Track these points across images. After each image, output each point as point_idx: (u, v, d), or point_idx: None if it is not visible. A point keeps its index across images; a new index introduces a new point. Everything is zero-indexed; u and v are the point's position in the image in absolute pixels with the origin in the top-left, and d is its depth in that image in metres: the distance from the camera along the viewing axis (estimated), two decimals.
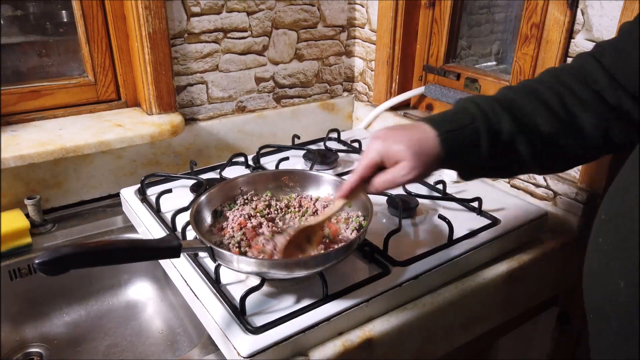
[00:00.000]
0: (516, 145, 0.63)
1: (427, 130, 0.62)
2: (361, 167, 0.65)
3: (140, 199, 0.96)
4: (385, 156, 0.63)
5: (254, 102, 1.27)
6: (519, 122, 0.63)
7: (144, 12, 1.01)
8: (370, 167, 0.65)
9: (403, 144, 0.62)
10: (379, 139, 0.64)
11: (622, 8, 0.80)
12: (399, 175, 0.62)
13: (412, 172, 0.62)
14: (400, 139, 0.62)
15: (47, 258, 0.56)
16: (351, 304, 0.69)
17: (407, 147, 0.61)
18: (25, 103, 1.03)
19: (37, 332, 0.95)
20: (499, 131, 0.62)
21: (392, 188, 0.65)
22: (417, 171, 0.62)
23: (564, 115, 0.63)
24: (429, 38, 1.22)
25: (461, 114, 0.64)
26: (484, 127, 0.62)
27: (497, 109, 0.63)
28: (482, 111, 0.63)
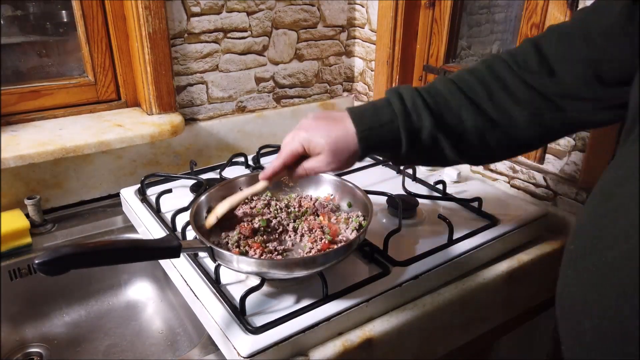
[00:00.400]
0: (438, 142, 0.64)
1: (347, 127, 0.65)
2: (284, 155, 0.69)
3: (140, 199, 0.96)
4: (307, 147, 0.67)
5: (254, 102, 1.27)
6: (441, 120, 0.64)
7: (144, 12, 1.01)
8: (292, 155, 0.68)
9: (323, 139, 0.65)
10: (303, 130, 0.67)
11: None
12: (317, 166, 0.67)
13: (329, 166, 0.66)
14: (322, 134, 0.65)
15: (47, 258, 0.56)
16: (351, 304, 0.69)
17: (326, 143, 0.65)
18: (25, 103, 1.03)
19: (37, 332, 0.95)
20: (419, 129, 0.64)
21: (311, 175, 0.70)
22: (334, 165, 0.66)
23: (492, 111, 0.63)
24: (429, 38, 1.22)
25: (383, 110, 0.65)
26: (404, 126, 0.63)
27: (419, 105, 0.64)
28: (403, 109, 0.64)
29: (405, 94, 0.65)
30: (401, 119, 0.63)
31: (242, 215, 0.80)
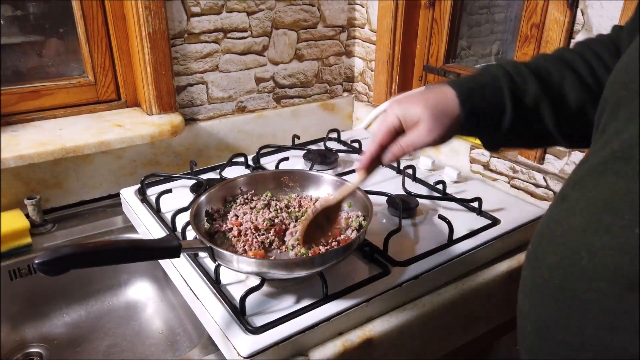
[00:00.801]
0: (541, 110, 0.60)
1: (446, 91, 0.60)
2: (380, 133, 0.62)
3: (140, 199, 0.96)
4: (403, 119, 0.61)
5: (254, 102, 1.27)
6: (546, 87, 0.59)
7: (144, 12, 1.01)
8: (389, 132, 0.62)
9: (421, 106, 0.60)
10: (396, 103, 0.62)
11: (622, 8, 0.81)
12: (418, 137, 0.60)
13: (431, 133, 0.59)
14: (418, 101, 0.60)
15: (47, 258, 0.56)
16: (351, 304, 0.69)
17: (425, 108, 0.59)
18: (25, 103, 1.03)
19: (37, 332, 0.95)
20: (524, 93, 0.59)
21: (411, 152, 0.62)
22: (436, 132, 0.59)
23: (594, 85, 0.60)
24: (429, 38, 1.22)
25: (484, 75, 0.61)
26: (507, 87, 0.59)
27: (523, 71, 0.60)
28: (506, 72, 0.60)
29: (506, 63, 0.62)
30: (504, 80, 0.59)
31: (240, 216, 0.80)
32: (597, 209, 0.41)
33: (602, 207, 0.40)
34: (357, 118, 1.43)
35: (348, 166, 1.11)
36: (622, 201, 0.39)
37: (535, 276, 0.46)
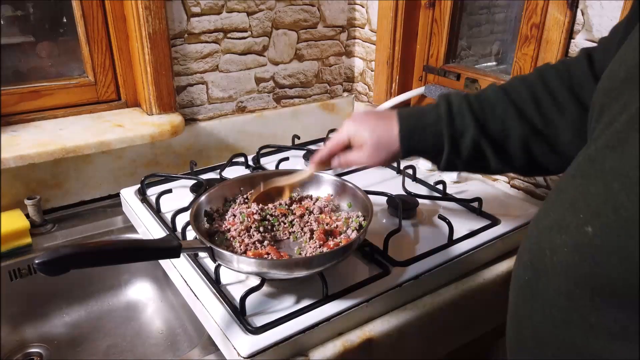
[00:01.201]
0: (481, 148, 0.65)
1: (393, 125, 0.67)
2: (332, 143, 0.72)
3: (140, 199, 0.96)
4: (352, 138, 0.70)
5: (254, 103, 1.27)
6: (485, 126, 0.64)
7: (144, 12, 1.01)
8: (339, 144, 0.72)
9: (368, 132, 0.68)
10: (352, 121, 0.71)
11: (622, 8, 0.81)
12: (358, 158, 0.70)
13: (369, 159, 0.69)
14: (368, 127, 0.68)
15: (47, 258, 0.56)
16: (351, 304, 0.69)
17: (370, 137, 0.68)
18: (25, 103, 1.03)
19: (37, 332, 0.95)
20: (462, 134, 0.64)
21: (351, 167, 0.74)
22: (374, 160, 0.69)
23: (538, 120, 0.63)
24: (429, 38, 1.22)
25: (430, 113, 0.66)
26: (447, 129, 0.64)
27: (464, 109, 0.65)
28: (449, 112, 0.65)
29: (453, 98, 0.66)
30: (445, 122, 0.64)
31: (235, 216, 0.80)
32: (563, 209, 0.43)
33: (567, 207, 0.42)
34: None
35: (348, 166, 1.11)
36: (582, 201, 0.41)
37: (515, 274, 0.49)
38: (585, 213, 0.40)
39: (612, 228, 0.38)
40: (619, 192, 0.38)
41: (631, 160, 0.38)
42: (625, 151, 0.39)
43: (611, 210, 0.38)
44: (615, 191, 0.38)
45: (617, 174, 0.38)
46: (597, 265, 0.38)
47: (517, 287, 0.48)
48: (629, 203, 0.37)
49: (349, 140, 0.71)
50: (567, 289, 0.41)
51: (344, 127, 0.71)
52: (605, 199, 0.39)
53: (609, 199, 0.38)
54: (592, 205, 0.40)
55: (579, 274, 0.40)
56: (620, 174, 0.38)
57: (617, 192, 0.38)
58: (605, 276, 0.38)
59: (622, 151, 0.39)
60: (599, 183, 0.40)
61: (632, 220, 0.36)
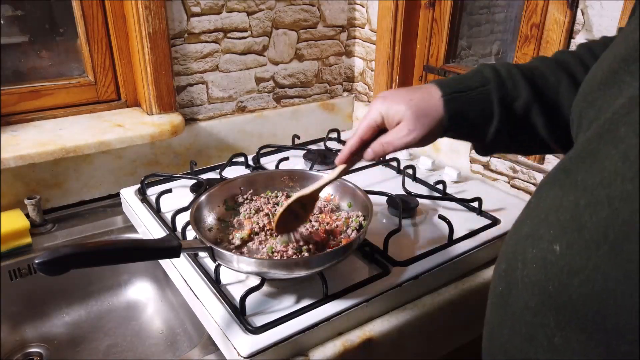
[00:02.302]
0: (532, 116, 0.57)
1: (432, 91, 0.58)
2: (362, 128, 0.61)
3: (140, 199, 0.96)
4: (385, 116, 0.60)
5: (254, 102, 1.27)
6: (539, 92, 0.57)
7: (144, 12, 1.01)
8: (370, 127, 0.61)
9: (404, 104, 0.58)
10: (380, 99, 0.61)
11: (622, 8, 0.80)
12: (397, 137, 0.59)
13: (411, 134, 0.58)
14: (402, 99, 0.58)
15: (47, 258, 0.56)
16: (351, 304, 0.69)
17: (408, 107, 0.57)
18: (25, 103, 1.03)
19: (37, 332, 0.95)
20: (514, 99, 0.57)
21: (390, 152, 0.61)
22: (417, 133, 0.57)
23: None
24: (429, 38, 1.22)
25: (473, 77, 0.59)
26: (497, 92, 0.57)
27: (515, 74, 0.58)
28: (497, 75, 0.58)
29: (498, 65, 0.59)
30: (494, 84, 0.57)
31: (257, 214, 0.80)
32: (538, 220, 0.40)
33: (543, 218, 0.40)
34: (357, 118, 1.43)
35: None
36: (554, 215, 0.38)
37: (492, 282, 0.47)
38: (555, 228, 0.38)
39: (574, 248, 0.35)
40: (585, 209, 0.35)
41: (598, 176, 0.35)
42: (594, 165, 0.36)
43: (576, 228, 0.36)
44: (581, 208, 0.36)
45: (584, 190, 0.36)
46: (561, 285, 0.36)
47: (492, 295, 0.46)
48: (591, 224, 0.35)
49: (382, 119, 0.60)
50: (534, 306, 0.39)
51: (372, 107, 0.61)
52: (573, 215, 0.36)
53: (576, 216, 0.36)
54: (561, 221, 0.37)
55: (545, 292, 0.38)
56: (587, 190, 0.36)
57: (583, 210, 0.35)
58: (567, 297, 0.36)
59: (590, 164, 0.37)
60: (571, 197, 0.37)
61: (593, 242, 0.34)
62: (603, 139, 0.37)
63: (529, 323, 0.40)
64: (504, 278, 0.44)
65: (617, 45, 0.43)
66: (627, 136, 0.35)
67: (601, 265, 0.34)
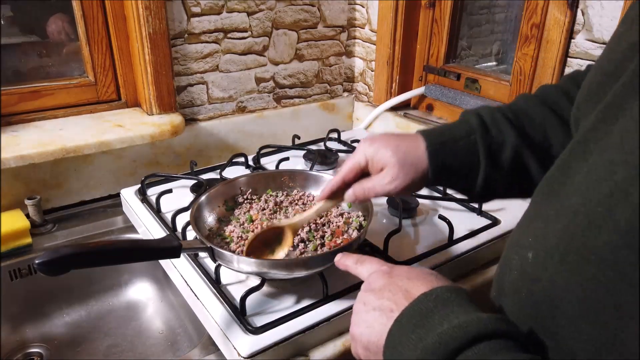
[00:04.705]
0: (523, 158, 0.56)
1: (418, 141, 0.57)
2: (345, 168, 0.61)
3: (140, 199, 0.96)
4: (370, 160, 0.60)
5: (254, 103, 1.27)
6: (525, 135, 0.56)
7: (144, 12, 1.01)
8: (354, 169, 0.61)
9: (390, 150, 0.57)
10: (368, 141, 0.60)
11: (622, 8, 0.81)
12: (380, 184, 0.58)
13: (393, 182, 0.57)
14: (389, 145, 0.58)
15: (47, 258, 0.56)
16: (351, 304, 0.69)
17: (393, 154, 0.57)
18: (25, 103, 1.03)
19: (37, 332, 0.95)
20: (501, 145, 0.56)
21: (370, 197, 0.60)
22: (398, 182, 0.57)
23: None
24: (429, 38, 1.22)
25: (459, 126, 0.58)
26: (482, 141, 0.56)
27: (499, 120, 0.57)
28: (481, 123, 0.57)
29: (482, 111, 0.59)
30: (479, 132, 0.56)
31: None
32: (525, 228, 0.41)
33: (525, 227, 0.41)
34: (357, 118, 1.43)
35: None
36: (535, 223, 0.39)
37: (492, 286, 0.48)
38: (532, 236, 0.38)
39: (539, 257, 0.36)
40: (552, 220, 0.36)
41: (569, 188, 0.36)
42: (567, 178, 0.37)
43: (542, 238, 0.36)
44: (550, 218, 0.36)
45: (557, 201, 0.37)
46: (529, 292, 0.37)
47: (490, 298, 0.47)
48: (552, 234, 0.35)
49: (366, 163, 0.60)
50: (514, 312, 0.40)
51: (359, 149, 0.60)
52: (544, 225, 0.37)
53: (545, 226, 0.36)
54: (536, 229, 0.38)
55: (521, 298, 0.38)
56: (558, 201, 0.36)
57: (551, 220, 0.36)
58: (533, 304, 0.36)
59: (564, 176, 0.37)
60: (546, 206, 0.38)
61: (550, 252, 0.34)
62: (575, 152, 0.38)
63: None
64: (496, 282, 0.45)
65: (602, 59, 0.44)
66: (595, 151, 0.35)
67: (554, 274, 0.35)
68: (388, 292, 0.46)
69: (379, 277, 0.50)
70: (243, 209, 0.82)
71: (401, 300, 0.44)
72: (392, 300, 0.45)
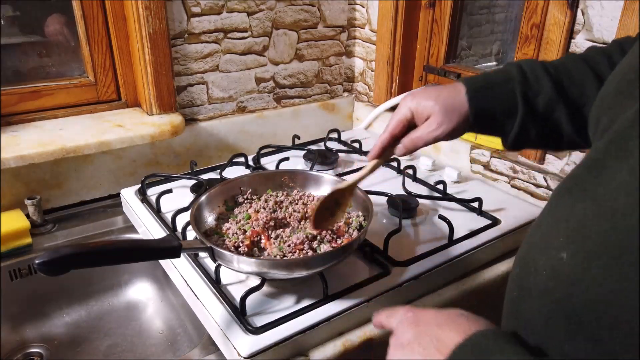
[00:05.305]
0: (556, 112, 0.59)
1: (459, 88, 0.61)
2: (392, 124, 0.64)
3: (140, 199, 0.96)
4: (415, 111, 0.63)
5: (254, 103, 1.27)
6: (562, 88, 0.58)
7: (144, 12, 1.01)
8: (401, 122, 0.64)
9: (432, 99, 0.61)
10: (410, 96, 0.64)
11: (622, 8, 0.80)
12: (427, 132, 0.61)
13: (440, 128, 0.60)
14: (430, 95, 0.61)
15: (47, 258, 0.56)
16: (351, 304, 0.69)
17: (436, 103, 0.60)
18: (25, 103, 1.03)
19: (37, 332, 0.95)
20: (537, 94, 0.58)
21: (421, 146, 0.63)
22: (445, 127, 0.60)
23: None
24: (429, 38, 1.22)
25: (499, 74, 0.61)
26: (521, 88, 0.59)
27: (539, 71, 0.59)
28: (521, 72, 0.60)
29: (524, 63, 0.61)
30: (518, 80, 0.59)
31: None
32: (550, 228, 0.41)
33: (553, 226, 0.40)
34: (358, 118, 1.43)
35: (348, 166, 1.11)
36: (564, 223, 0.39)
37: (508, 285, 0.48)
38: (563, 236, 0.38)
39: (577, 258, 0.36)
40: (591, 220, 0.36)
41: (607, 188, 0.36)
42: (603, 176, 0.37)
43: (581, 238, 0.36)
44: (587, 218, 0.36)
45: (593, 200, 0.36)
46: (567, 294, 0.37)
47: (507, 300, 0.47)
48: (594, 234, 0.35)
49: (412, 115, 0.63)
50: (545, 314, 0.39)
51: (402, 104, 0.63)
52: (580, 225, 0.37)
53: (582, 226, 0.36)
54: (569, 229, 0.38)
55: (554, 300, 0.38)
56: (595, 201, 0.36)
57: (589, 220, 0.36)
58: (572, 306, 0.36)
59: (599, 175, 0.37)
60: (580, 206, 0.38)
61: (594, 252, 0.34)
62: (612, 150, 0.37)
63: (541, 331, 0.40)
64: (517, 283, 0.44)
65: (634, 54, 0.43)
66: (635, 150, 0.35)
67: (599, 276, 0.34)
68: (418, 346, 0.44)
69: (405, 328, 0.48)
70: (243, 209, 0.82)
71: (435, 355, 0.42)
72: (424, 356, 0.43)
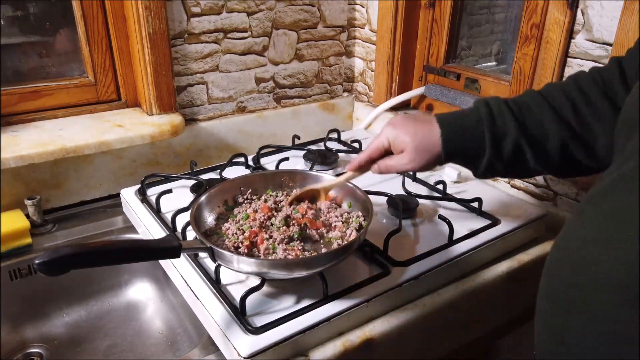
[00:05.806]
0: (521, 150, 0.66)
1: (434, 129, 0.67)
2: (371, 148, 0.73)
3: (140, 199, 0.96)
4: (392, 143, 0.71)
5: (254, 103, 1.27)
6: (525, 128, 0.65)
7: (144, 12, 1.01)
8: (378, 150, 0.72)
9: (409, 136, 0.68)
10: (391, 126, 0.71)
11: (622, 8, 0.80)
12: (399, 164, 0.71)
13: (411, 163, 0.69)
14: (408, 130, 0.69)
15: (47, 258, 0.56)
16: (351, 304, 0.69)
17: (412, 140, 0.68)
18: (25, 103, 1.03)
19: (37, 333, 0.95)
20: (504, 135, 0.65)
21: (391, 173, 0.73)
22: (415, 164, 0.69)
23: (575, 124, 0.64)
24: (429, 38, 1.22)
25: (470, 115, 0.67)
26: (489, 130, 0.65)
27: (504, 112, 0.66)
28: (489, 113, 0.66)
29: (492, 101, 0.68)
30: (487, 123, 0.66)
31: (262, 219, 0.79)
32: (606, 223, 0.43)
33: (610, 221, 0.42)
34: (357, 118, 1.43)
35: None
36: (627, 216, 0.40)
37: (550, 284, 0.48)
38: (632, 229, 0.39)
39: None
40: None
41: None
42: None
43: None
44: None
45: None
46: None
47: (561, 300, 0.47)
48: None
49: (389, 144, 0.71)
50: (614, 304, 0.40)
51: (383, 132, 0.72)
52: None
53: None
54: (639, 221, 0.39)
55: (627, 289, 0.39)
56: None
57: None
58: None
59: None
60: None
61: None
62: None
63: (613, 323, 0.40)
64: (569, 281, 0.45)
65: None
66: None
67: None
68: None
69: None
70: (243, 209, 0.82)
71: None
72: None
